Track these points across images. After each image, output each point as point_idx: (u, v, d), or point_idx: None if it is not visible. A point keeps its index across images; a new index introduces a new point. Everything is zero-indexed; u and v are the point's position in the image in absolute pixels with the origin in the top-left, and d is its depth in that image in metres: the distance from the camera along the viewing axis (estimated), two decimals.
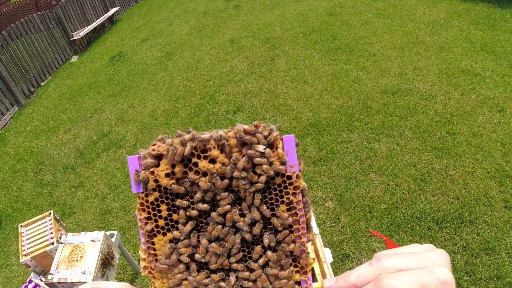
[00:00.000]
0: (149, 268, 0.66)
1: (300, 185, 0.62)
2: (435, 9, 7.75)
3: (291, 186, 0.62)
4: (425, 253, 0.53)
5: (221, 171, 0.62)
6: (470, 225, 3.43)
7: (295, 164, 0.62)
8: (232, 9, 11.02)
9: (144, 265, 0.66)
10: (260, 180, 0.61)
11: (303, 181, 0.62)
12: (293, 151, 0.62)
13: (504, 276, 2.99)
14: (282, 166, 0.61)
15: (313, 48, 7.19)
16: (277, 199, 0.63)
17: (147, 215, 0.65)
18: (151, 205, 0.65)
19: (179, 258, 0.65)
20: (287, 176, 0.62)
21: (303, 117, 5.28)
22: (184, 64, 7.98)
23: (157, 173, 0.64)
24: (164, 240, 0.65)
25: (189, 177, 0.63)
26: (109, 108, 7.03)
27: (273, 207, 0.63)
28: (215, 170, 0.62)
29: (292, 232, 0.63)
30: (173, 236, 0.65)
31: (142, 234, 0.66)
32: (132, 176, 0.65)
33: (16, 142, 6.82)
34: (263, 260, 0.64)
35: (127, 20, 13.34)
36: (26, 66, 8.67)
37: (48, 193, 5.21)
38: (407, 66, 5.92)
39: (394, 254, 0.54)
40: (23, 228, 2.90)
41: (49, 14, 9.83)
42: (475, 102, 4.87)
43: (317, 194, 4.07)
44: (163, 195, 0.65)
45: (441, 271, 0.48)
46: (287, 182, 0.62)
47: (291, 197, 0.62)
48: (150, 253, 0.66)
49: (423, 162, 4.15)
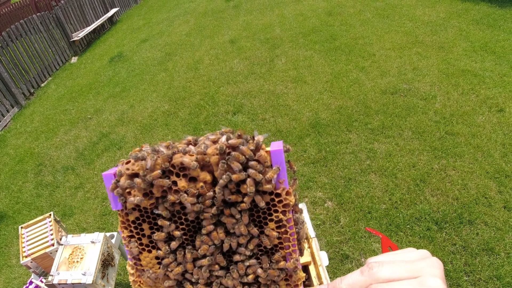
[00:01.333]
0: (138, 282, 0.65)
1: (290, 202, 0.57)
2: (435, 9, 7.76)
3: (280, 204, 0.58)
4: (419, 262, 0.52)
5: (202, 191, 0.57)
6: (470, 225, 3.43)
7: (284, 180, 0.57)
8: (231, 10, 11.03)
9: (133, 279, 0.64)
10: (245, 200, 0.56)
11: (293, 198, 0.57)
12: (283, 166, 0.57)
13: (503, 276, 2.99)
14: (268, 185, 0.56)
15: (313, 48, 7.20)
16: (265, 217, 0.59)
17: (130, 233, 0.63)
18: (132, 224, 0.62)
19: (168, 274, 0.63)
20: (276, 193, 0.57)
21: (303, 117, 5.29)
22: (184, 65, 7.99)
23: (134, 193, 0.59)
24: (150, 257, 0.63)
25: (169, 198, 0.58)
26: (109, 109, 7.04)
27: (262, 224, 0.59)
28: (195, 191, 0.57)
29: (283, 249, 0.60)
30: (158, 255, 0.62)
31: (128, 251, 0.63)
32: (110, 193, 0.61)
33: (17, 143, 6.83)
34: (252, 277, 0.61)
35: (126, 20, 13.35)
36: (26, 67, 8.68)
37: (48, 194, 5.22)
38: (406, 66, 5.93)
39: (386, 263, 0.53)
40: (24, 230, 2.91)
41: (48, 15, 9.84)
42: (475, 102, 4.87)
43: (317, 194, 4.07)
44: (143, 214, 0.61)
45: (433, 282, 0.48)
46: (276, 200, 0.58)
47: (280, 216, 0.58)
48: (137, 269, 0.64)
49: (422, 163, 4.16)
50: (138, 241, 0.62)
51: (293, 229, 0.58)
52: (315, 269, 0.69)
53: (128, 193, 0.59)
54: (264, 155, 0.55)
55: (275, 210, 0.58)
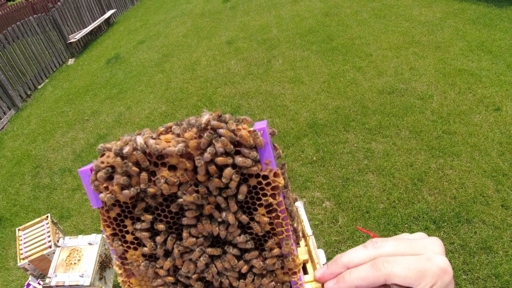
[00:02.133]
0: (127, 282, 0.63)
1: (279, 184, 0.53)
2: (431, 9, 7.78)
3: (268, 187, 0.54)
4: (421, 240, 0.53)
5: (183, 179, 0.54)
6: (467, 224, 3.44)
7: (271, 160, 0.53)
8: (228, 11, 11.03)
9: (122, 279, 0.63)
10: (231, 185, 0.53)
11: (282, 180, 0.54)
12: (268, 145, 0.53)
13: (501, 275, 3.00)
14: (254, 167, 0.52)
15: (310, 49, 7.20)
16: (254, 202, 0.56)
17: (112, 231, 0.60)
18: (114, 221, 0.59)
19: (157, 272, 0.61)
20: (263, 175, 0.54)
21: (300, 118, 5.29)
22: (181, 66, 7.98)
23: (111, 188, 0.56)
24: (137, 254, 0.60)
25: (148, 190, 0.54)
26: (106, 110, 7.02)
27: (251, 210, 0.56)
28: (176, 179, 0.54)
29: (276, 235, 0.57)
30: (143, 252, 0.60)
31: (113, 250, 0.61)
32: (89, 190, 0.58)
33: (14, 146, 6.80)
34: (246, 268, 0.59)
35: (123, 22, 13.34)
36: (22, 69, 8.66)
37: (45, 196, 5.20)
38: (403, 66, 5.94)
39: (391, 239, 0.53)
40: (21, 232, 2.90)
41: (45, 17, 9.83)
42: (471, 101, 4.88)
43: (315, 194, 4.07)
44: (124, 209, 0.58)
45: (441, 259, 0.50)
46: (264, 182, 0.54)
47: (270, 199, 0.54)
48: (125, 268, 0.62)
49: (420, 162, 4.17)
50: (122, 238, 0.60)
51: (285, 213, 0.55)
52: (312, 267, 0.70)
53: (105, 188, 0.56)
54: (246, 135, 0.51)
55: (264, 194, 0.54)
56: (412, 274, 0.48)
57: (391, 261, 0.50)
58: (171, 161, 0.53)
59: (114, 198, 0.56)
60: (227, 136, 0.51)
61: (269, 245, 0.57)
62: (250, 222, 0.56)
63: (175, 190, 0.54)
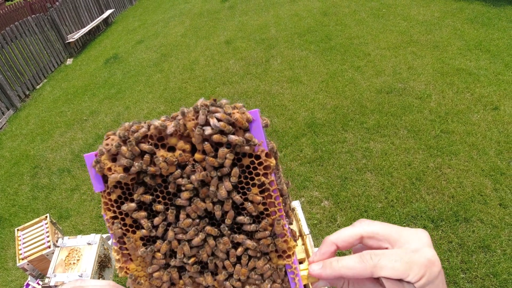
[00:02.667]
0: (125, 268, 0.64)
1: (270, 163, 0.56)
2: (429, 8, 7.79)
3: (260, 166, 0.56)
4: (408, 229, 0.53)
5: (181, 159, 0.56)
6: (465, 223, 3.45)
7: (262, 141, 0.56)
8: (227, 10, 11.03)
9: (119, 265, 0.63)
10: (226, 164, 0.55)
11: (273, 160, 0.56)
12: (259, 127, 0.56)
13: (500, 273, 3.01)
14: (247, 147, 0.55)
15: (308, 48, 7.21)
16: (247, 182, 0.57)
17: (113, 214, 0.61)
18: (115, 203, 0.61)
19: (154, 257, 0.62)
20: (255, 155, 0.56)
21: (299, 117, 5.29)
22: (180, 66, 7.98)
23: (114, 169, 0.59)
24: (135, 238, 0.62)
25: (149, 169, 0.57)
26: (105, 110, 7.02)
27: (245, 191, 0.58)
28: (174, 159, 0.56)
29: (269, 216, 0.58)
30: (142, 234, 0.61)
31: (112, 234, 0.62)
32: (93, 174, 0.61)
33: (12, 146, 6.80)
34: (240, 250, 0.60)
35: (122, 22, 13.33)
36: (21, 69, 8.65)
37: (44, 197, 5.20)
38: (401, 66, 5.95)
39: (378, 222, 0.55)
40: (20, 232, 2.90)
41: (43, 17, 9.81)
42: (470, 101, 4.90)
43: (313, 194, 4.08)
44: (125, 191, 0.60)
45: (429, 251, 0.50)
46: (256, 162, 0.56)
47: (262, 178, 0.56)
48: (123, 253, 0.63)
49: (418, 161, 4.18)
50: (122, 221, 0.61)
51: (277, 193, 0.57)
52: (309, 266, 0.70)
53: (109, 169, 0.59)
54: (240, 118, 0.54)
55: (257, 174, 0.56)
56: (400, 266, 0.48)
57: (378, 253, 0.50)
58: (170, 142, 0.57)
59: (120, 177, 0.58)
60: (223, 119, 0.54)
61: (263, 225, 0.58)
62: (244, 203, 0.58)
63: (173, 170, 0.57)
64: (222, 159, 0.55)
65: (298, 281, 0.60)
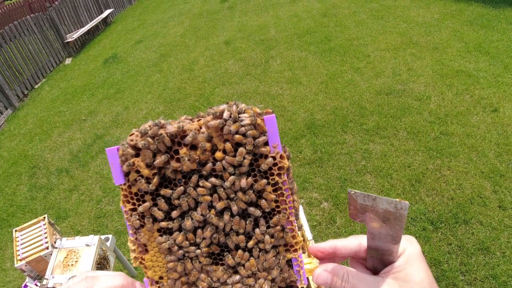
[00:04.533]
0: (140, 258, 0.66)
1: (284, 165, 0.61)
2: (429, 10, 7.80)
3: (275, 167, 0.61)
4: None
5: (203, 157, 0.61)
6: (465, 225, 3.45)
7: (277, 144, 0.61)
8: (226, 11, 11.03)
9: (134, 256, 0.65)
10: (244, 163, 0.60)
11: (287, 161, 0.61)
12: (275, 132, 0.61)
13: (499, 276, 3.01)
14: (264, 148, 0.60)
15: (308, 49, 7.21)
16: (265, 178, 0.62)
17: (132, 206, 0.64)
18: (135, 196, 0.64)
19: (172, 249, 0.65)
20: (271, 157, 0.61)
21: (298, 118, 5.29)
22: (179, 66, 7.97)
23: (137, 164, 0.62)
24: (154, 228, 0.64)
25: (171, 165, 0.61)
26: (104, 110, 7.01)
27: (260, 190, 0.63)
28: (196, 157, 0.61)
29: (280, 213, 0.63)
30: (160, 226, 0.64)
31: (129, 225, 0.64)
32: (114, 167, 0.64)
33: (10, 145, 6.78)
34: (252, 243, 0.64)
35: (121, 22, 13.31)
36: (19, 68, 8.63)
37: (42, 197, 5.18)
38: (401, 67, 5.95)
39: None
40: (18, 233, 2.88)
41: (42, 16, 9.79)
42: (469, 103, 4.90)
43: (312, 195, 4.07)
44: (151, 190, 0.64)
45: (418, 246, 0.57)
46: (271, 163, 0.61)
47: (276, 178, 0.61)
48: (139, 244, 0.65)
49: (417, 163, 4.17)
50: (140, 213, 0.64)
51: (288, 192, 0.62)
52: None
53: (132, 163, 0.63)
54: (261, 123, 0.60)
55: (271, 174, 0.61)
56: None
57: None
58: (193, 141, 0.61)
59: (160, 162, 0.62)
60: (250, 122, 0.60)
61: (274, 221, 0.62)
62: (258, 200, 0.63)
63: (195, 167, 0.62)
64: (241, 158, 0.60)
65: (303, 274, 0.65)
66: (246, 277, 0.65)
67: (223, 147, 0.61)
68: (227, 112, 0.61)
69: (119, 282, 0.61)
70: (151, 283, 0.67)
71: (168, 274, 0.66)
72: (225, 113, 0.61)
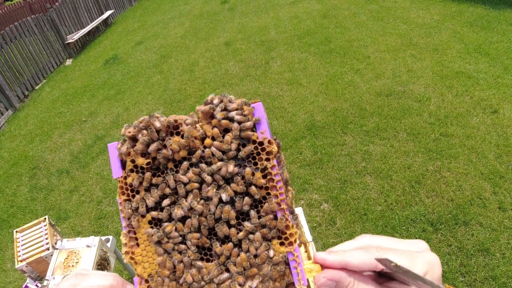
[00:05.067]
0: (131, 253, 0.65)
1: (273, 150, 0.61)
2: (429, 11, 7.81)
3: (263, 152, 0.61)
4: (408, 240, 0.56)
5: (193, 144, 0.62)
6: (465, 226, 3.45)
7: (265, 130, 0.62)
8: (227, 12, 11.04)
9: (125, 250, 0.65)
10: (231, 147, 0.61)
11: (275, 147, 0.61)
12: (264, 119, 0.62)
13: (499, 277, 3.01)
14: (251, 132, 0.61)
15: (308, 50, 7.22)
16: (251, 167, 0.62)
17: (127, 197, 0.65)
18: (129, 187, 0.65)
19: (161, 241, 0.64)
20: (259, 142, 0.61)
21: (298, 120, 5.29)
22: (179, 67, 7.98)
23: (133, 153, 0.64)
24: (144, 221, 0.65)
25: (163, 152, 0.62)
26: (104, 111, 7.01)
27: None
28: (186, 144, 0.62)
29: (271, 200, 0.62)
30: (152, 216, 0.64)
31: (123, 218, 0.65)
32: (113, 161, 0.65)
33: (11, 146, 6.78)
34: (243, 234, 0.62)
35: (121, 23, 13.33)
36: (20, 69, 8.64)
37: (43, 198, 5.19)
38: (401, 69, 5.96)
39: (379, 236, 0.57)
40: (18, 234, 2.89)
41: (43, 17, 9.80)
42: (469, 104, 4.90)
43: (313, 196, 4.08)
44: (141, 175, 0.64)
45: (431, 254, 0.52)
46: (259, 148, 0.62)
47: (265, 163, 0.61)
48: (131, 237, 0.65)
49: (417, 164, 4.18)
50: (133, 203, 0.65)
51: (278, 177, 0.61)
52: None
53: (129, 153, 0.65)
54: (247, 108, 0.61)
55: (260, 159, 0.61)
56: (404, 260, 0.49)
57: (384, 248, 0.52)
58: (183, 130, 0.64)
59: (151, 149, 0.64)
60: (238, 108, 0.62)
61: (265, 208, 0.61)
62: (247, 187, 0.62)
63: (185, 155, 0.63)
64: (229, 144, 0.61)
65: (301, 272, 0.60)
66: (236, 273, 0.62)
67: (211, 134, 0.62)
68: (217, 99, 0.63)
69: (108, 282, 0.61)
70: (140, 282, 0.66)
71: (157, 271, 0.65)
72: (216, 100, 0.63)
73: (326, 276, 0.54)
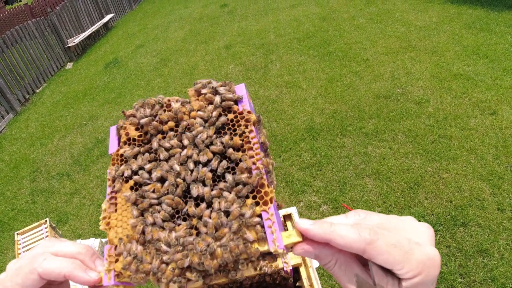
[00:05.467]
0: (107, 217, 0.66)
1: (251, 117, 0.67)
2: (427, 13, 7.84)
3: (242, 120, 0.67)
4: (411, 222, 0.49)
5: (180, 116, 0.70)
6: (463, 227, 3.46)
7: (246, 104, 0.69)
8: (226, 15, 11.08)
9: (103, 216, 0.66)
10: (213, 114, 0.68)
11: (254, 116, 0.67)
12: (245, 97, 0.70)
13: (497, 278, 3.02)
14: (231, 102, 0.69)
15: (307, 53, 7.24)
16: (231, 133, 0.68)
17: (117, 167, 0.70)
18: (120, 157, 0.70)
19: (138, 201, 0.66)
20: (239, 112, 0.68)
21: (298, 122, 5.31)
22: (179, 70, 8.01)
23: (127, 127, 0.72)
24: (126, 187, 0.68)
25: (153, 123, 0.70)
26: (105, 114, 7.04)
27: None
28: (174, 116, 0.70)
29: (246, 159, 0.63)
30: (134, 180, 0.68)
31: (108, 185, 0.69)
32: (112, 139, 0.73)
33: (12, 150, 6.81)
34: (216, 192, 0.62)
35: (122, 26, 13.37)
36: (21, 73, 8.67)
37: (43, 201, 5.21)
38: (399, 71, 5.98)
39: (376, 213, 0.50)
40: (20, 236, 2.91)
41: (44, 21, 9.85)
42: (467, 106, 4.92)
43: (312, 198, 4.09)
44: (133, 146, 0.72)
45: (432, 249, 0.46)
46: (239, 116, 0.68)
47: (243, 128, 0.66)
48: (111, 204, 0.67)
49: (416, 166, 4.19)
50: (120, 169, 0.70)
51: (255, 140, 0.64)
52: (305, 271, 0.71)
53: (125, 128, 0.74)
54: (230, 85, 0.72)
55: (239, 125, 0.67)
56: (396, 253, 0.43)
57: (378, 232, 0.45)
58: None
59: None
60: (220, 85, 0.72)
61: (240, 166, 0.63)
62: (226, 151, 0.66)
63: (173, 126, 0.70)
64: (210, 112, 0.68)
65: (276, 234, 0.56)
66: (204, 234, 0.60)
67: (197, 107, 0.70)
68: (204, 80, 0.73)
69: (78, 249, 0.60)
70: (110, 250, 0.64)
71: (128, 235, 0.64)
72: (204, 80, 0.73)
73: (304, 249, 0.50)
